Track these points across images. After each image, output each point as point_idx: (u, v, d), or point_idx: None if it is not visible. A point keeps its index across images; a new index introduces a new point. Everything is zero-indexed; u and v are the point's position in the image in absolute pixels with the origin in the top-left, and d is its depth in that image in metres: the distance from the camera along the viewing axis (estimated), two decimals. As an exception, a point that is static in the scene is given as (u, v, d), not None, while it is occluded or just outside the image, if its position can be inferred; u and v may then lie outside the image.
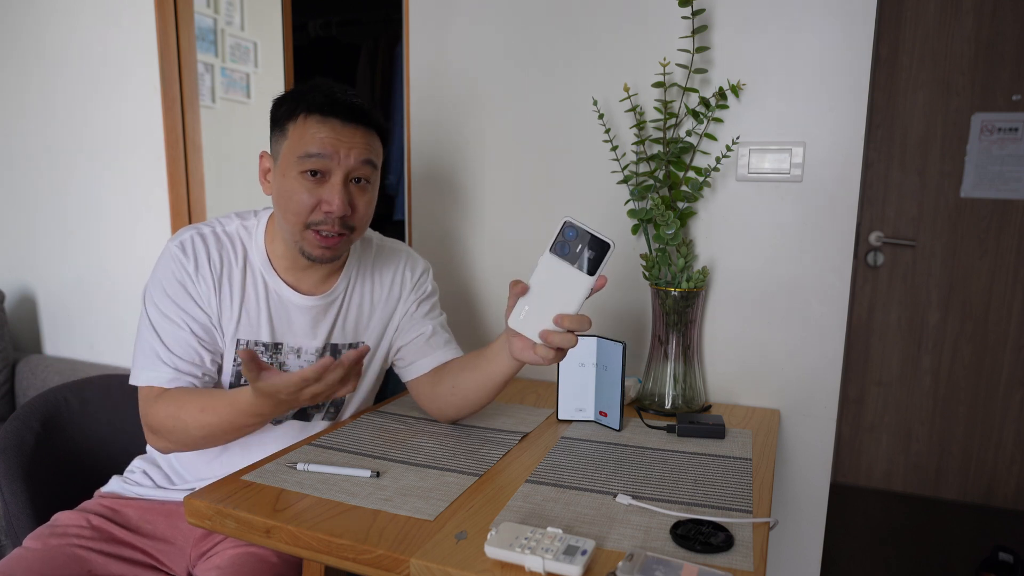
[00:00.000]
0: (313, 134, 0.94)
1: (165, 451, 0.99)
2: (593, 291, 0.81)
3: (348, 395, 1.12)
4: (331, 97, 0.95)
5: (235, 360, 1.02)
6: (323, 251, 0.98)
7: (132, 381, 0.98)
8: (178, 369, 0.97)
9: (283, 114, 0.97)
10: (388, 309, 1.14)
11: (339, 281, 1.09)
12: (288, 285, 1.04)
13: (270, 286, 1.04)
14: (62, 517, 1.01)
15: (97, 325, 1.97)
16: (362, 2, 2.78)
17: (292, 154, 0.95)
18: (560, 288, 0.81)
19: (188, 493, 1.04)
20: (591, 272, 0.80)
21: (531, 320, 0.83)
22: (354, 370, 0.82)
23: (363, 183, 0.99)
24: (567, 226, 0.80)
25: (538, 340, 0.82)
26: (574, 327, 0.81)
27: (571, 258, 0.80)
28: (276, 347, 1.04)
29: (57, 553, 0.94)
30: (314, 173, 0.94)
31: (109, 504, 1.04)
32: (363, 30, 2.79)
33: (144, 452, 1.15)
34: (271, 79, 2.33)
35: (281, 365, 1.05)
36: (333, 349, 1.09)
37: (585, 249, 0.80)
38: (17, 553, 0.94)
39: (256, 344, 1.03)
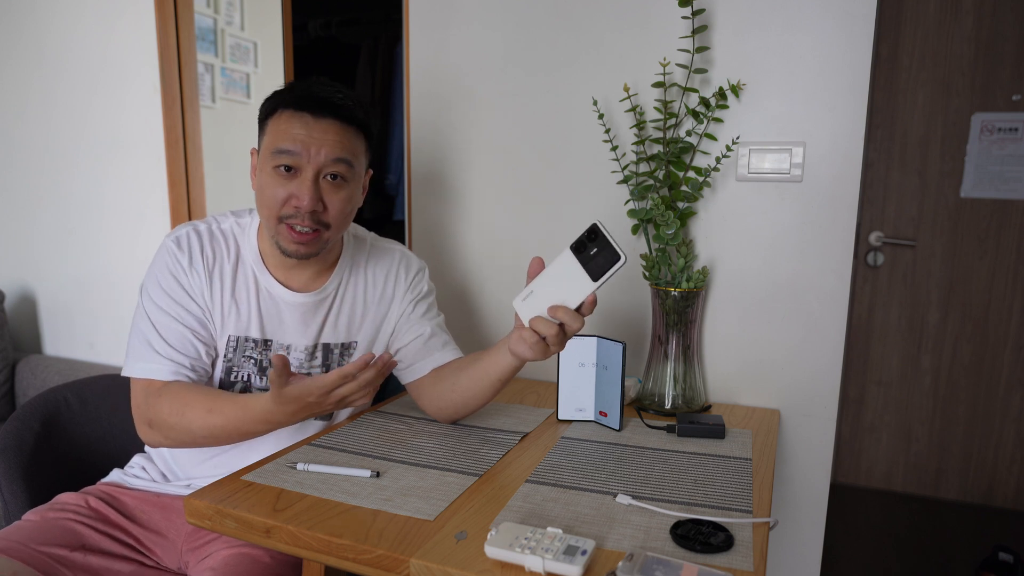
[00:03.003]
0: (285, 129, 0.95)
1: (157, 446, 0.99)
2: (586, 302, 0.84)
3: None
4: (307, 92, 0.96)
5: (226, 356, 1.03)
6: (297, 246, 0.98)
7: (126, 372, 0.99)
8: (175, 361, 0.98)
9: (265, 110, 1.00)
10: (382, 309, 1.14)
11: (331, 279, 1.09)
12: (279, 282, 1.05)
13: (261, 283, 1.04)
14: (63, 496, 1.03)
15: (97, 325, 1.97)
16: (362, 2, 2.78)
17: (267, 150, 0.97)
18: (567, 284, 0.84)
19: (184, 490, 1.05)
20: (596, 277, 0.82)
21: (530, 304, 0.86)
22: (378, 379, 0.85)
23: (338, 180, 0.98)
24: (593, 228, 0.83)
25: (526, 324, 0.85)
26: (567, 321, 0.84)
27: (584, 259, 0.83)
28: (266, 344, 1.05)
29: (53, 525, 0.96)
30: (287, 168, 0.95)
31: (109, 491, 1.06)
32: (363, 30, 2.79)
33: (143, 451, 1.15)
34: (271, 79, 2.33)
35: (269, 362, 1.05)
36: (325, 348, 1.09)
37: (599, 255, 0.82)
38: (15, 524, 0.96)
39: (247, 340, 1.03)
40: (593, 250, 0.82)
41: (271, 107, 0.98)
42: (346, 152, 0.98)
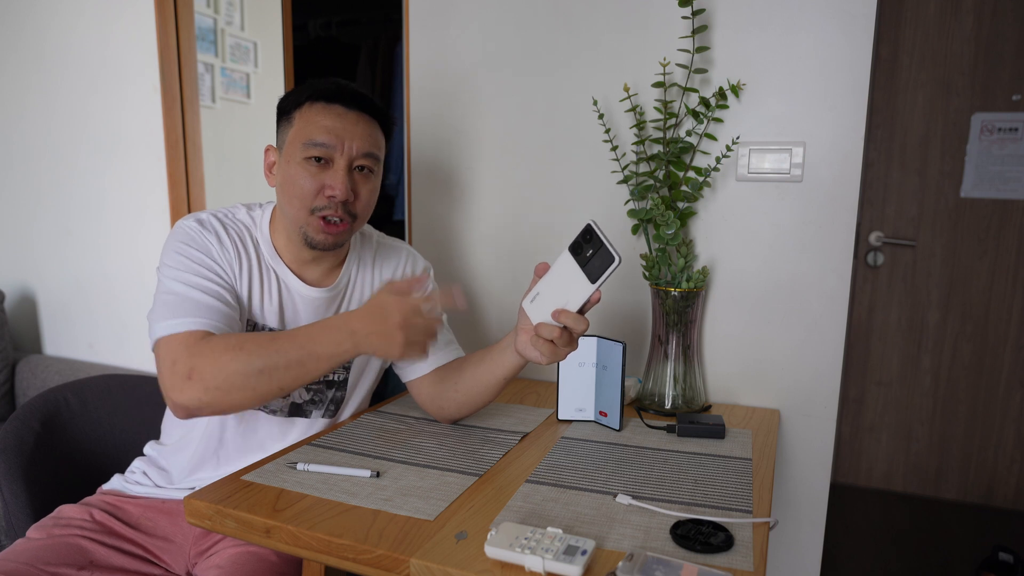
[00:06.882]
0: (318, 121, 0.96)
1: (194, 403, 0.83)
2: (589, 302, 0.83)
3: (350, 392, 1.13)
4: (336, 85, 0.98)
5: None
6: (326, 236, 0.99)
7: (156, 334, 0.88)
8: (217, 311, 0.91)
9: (290, 104, 1.00)
10: None
11: (341, 275, 1.09)
12: (295, 276, 1.05)
13: (280, 275, 1.04)
14: (66, 510, 1.02)
15: (97, 325, 1.97)
16: (362, 2, 2.78)
17: (297, 141, 0.97)
18: (568, 285, 0.84)
19: (188, 492, 1.05)
20: (593, 279, 0.82)
21: (538, 306, 0.87)
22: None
23: (366, 171, 1.01)
24: (587, 229, 0.82)
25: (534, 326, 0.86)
26: (570, 324, 0.84)
27: (582, 260, 0.83)
28: None
29: (60, 543, 0.95)
30: (318, 160, 0.96)
31: (111, 500, 1.05)
32: (363, 30, 2.79)
33: (143, 454, 1.15)
34: (271, 79, 2.33)
35: None
36: None
37: (595, 256, 0.82)
38: (20, 543, 0.95)
39: (263, 328, 1.03)
40: (589, 251, 0.82)
41: (297, 100, 0.99)
42: (374, 145, 1.00)
